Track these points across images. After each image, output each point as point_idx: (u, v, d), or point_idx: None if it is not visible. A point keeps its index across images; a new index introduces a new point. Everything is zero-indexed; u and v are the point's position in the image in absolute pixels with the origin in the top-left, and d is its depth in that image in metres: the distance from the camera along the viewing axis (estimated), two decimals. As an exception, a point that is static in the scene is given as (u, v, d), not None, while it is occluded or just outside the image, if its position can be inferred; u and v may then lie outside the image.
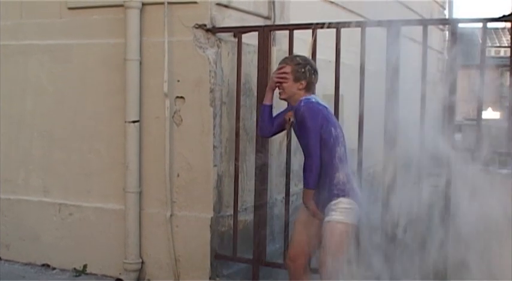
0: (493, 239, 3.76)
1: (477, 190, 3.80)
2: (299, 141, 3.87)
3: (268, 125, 4.04)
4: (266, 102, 4.02)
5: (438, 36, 11.99)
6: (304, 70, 3.82)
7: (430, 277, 4.14)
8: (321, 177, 3.70)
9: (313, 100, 3.77)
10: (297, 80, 3.82)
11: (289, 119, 3.89)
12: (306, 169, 3.71)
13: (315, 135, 3.65)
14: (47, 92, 5.29)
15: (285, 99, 3.93)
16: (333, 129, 3.71)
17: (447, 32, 11.77)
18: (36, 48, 5.29)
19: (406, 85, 5.38)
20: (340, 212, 3.68)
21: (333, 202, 3.69)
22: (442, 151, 4.19)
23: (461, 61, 4.30)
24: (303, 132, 3.72)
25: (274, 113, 4.06)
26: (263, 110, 4.04)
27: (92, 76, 5.12)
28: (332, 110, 4.09)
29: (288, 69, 3.84)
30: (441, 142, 4.17)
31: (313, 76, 3.86)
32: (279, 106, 4.19)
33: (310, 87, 3.85)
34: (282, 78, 3.84)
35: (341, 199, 3.69)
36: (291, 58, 3.94)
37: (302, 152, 3.80)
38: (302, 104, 3.72)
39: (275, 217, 5.31)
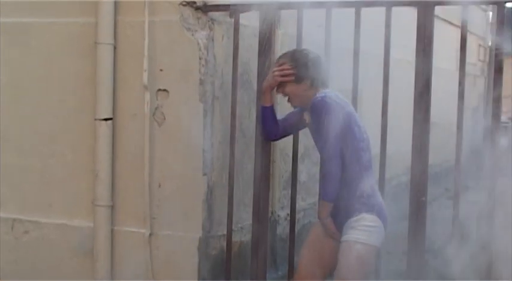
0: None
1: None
2: (316, 145, 3.93)
3: (274, 129, 4.12)
4: (266, 104, 4.09)
5: (480, 19, 12.05)
6: (305, 68, 3.88)
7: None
8: (340, 187, 3.75)
9: (332, 95, 3.81)
10: (299, 80, 3.89)
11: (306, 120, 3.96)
12: (323, 176, 3.77)
13: (334, 137, 3.69)
14: (0, 83, 5.31)
15: (299, 106, 3.99)
16: (356, 129, 3.78)
17: (491, 13, 11.83)
18: (-13, 28, 5.33)
19: (439, 78, 5.44)
20: (362, 230, 3.74)
21: (354, 218, 3.76)
22: (484, 158, 4.24)
23: (508, 49, 4.33)
24: (321, 133, 3.77)
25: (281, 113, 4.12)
26: (264, 113, 4.10)
27: (55, 63, 5.15)
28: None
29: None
30: (482, 147, 4.22)
31: (317, 69, 3.92)
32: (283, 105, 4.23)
33: (318, 83, 3.91)
34: (284, 75, 3.90)
35: (364, 215, 3.75)
36: (287, 56, 4.01)
37: (313, 158, 3.85)
38: (319, 99, 3.76)
39: (277, 237, 5.36)
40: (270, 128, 4.15)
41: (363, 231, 3.74)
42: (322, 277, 4.04)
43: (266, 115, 4.12)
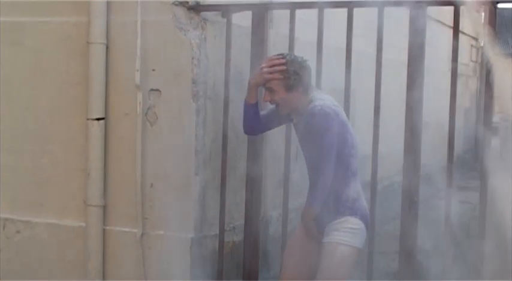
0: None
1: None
2: (303, 148, 3.94)
3: (257, 125, 4.12)
4: (251, 101, 4.05)
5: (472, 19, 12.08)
6: (296, 74, 3.83)
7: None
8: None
9: (329, 103, 3.80)
10: (290, 88, 3.84)
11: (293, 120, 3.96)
12: (315, 183, 3.78)
13: (331, 148, 3.71)
14: (-9, 82, 5.33)
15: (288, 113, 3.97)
16: (349, 136, 3.81)
17: (483, 14, 11.87)
18: (-21, 27, 5.32)
19: (432, 77, 5.46)
20: (345, 232, 3.78)
21: (337, 221, 3.80)
22: (476, 158, 4.27)
23: (499, 49, 4.36)
24: (315, 143, 3.77)
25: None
26: (248, 110, 4.07)
27: (47, 62, 5.17)
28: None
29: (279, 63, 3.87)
30: (474, 148, 4.25)
31: (308, 75, 3.89)
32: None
33: (310, 89, 3.90)
34: (273, 73, 3.86)
35: (347, 218, 3.80)
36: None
37: (306, 163, 3.87)
38: (319, 108, 3.73)
39: (270, 237, 5.37)
40: (253, 124, 4.11)
41: (347, 233, 3.78)
42: (306, 278, 4.05)
43: (250, 112, 4.07)
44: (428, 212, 7.78)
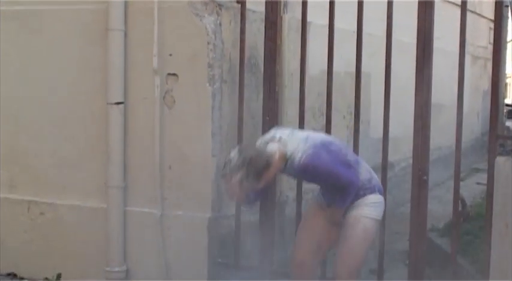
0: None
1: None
2: (306, 181, 4.33)
3: (257, 200, 4.27)
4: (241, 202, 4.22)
5: (491, 1, 12.02)
6: (255, 170, 3.80)
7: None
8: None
9: (298, 151, 3.86)
10: (258, 177, 3.84)
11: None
12: (346, 193, 3.95)
13: (337, 166, 3.90)
14: (12, 68, 5.45)
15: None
16: (332, 147, 3.96)
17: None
18: (1, 15, 5.42)
19: (450, 60, 5.51)
20: (367, 206, 4.02)
21: (360, 200, 4.02)
22: (486, 140, 4.32)
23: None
24: (319, 179, 4.03)
25: None
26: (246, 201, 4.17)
27: (67, 49, 5.27)
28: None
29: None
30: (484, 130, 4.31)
31: (259, 159, 3.82)
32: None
33: (274, 153, 3.87)
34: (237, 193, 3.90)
35: (367, 196, 4.03)
36: (231, 168, 3.84)
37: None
38: (304, 161, 3.84)
39: (286, 217, 5.45)
40: (253, 200, 4.23)
41: (369, 207, 4.02)
42: (321, 257, 4.30)
43: (249, 200, 4.18)
44: (446, 194, 7.89)
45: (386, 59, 4.50)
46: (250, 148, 3.96)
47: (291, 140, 3.92)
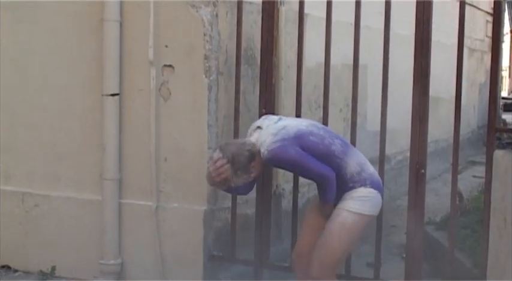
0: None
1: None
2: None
3: (247, 190, 4.24)
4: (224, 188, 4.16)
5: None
6: (243, 162, 3.87)
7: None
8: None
9: (269, 140, 3.88)
10: (247, 170, 3.90)
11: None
12: (324, 189, 3.90)
13: (308, 160, 3.83)
14: (8, 59, 5.42)
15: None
16: (312, 138, 3.91)
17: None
18: (-4, 6, 5.39)
19: (449, 53, 5.49)
20: (353, 200, 3.90)
21: (348, 192, 3.92)
22: (482, 133, 4.31)
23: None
24: (296, 170, 4.06)
25: None
26: (229, 191, 4.19)
27: (62, 40, 5.25)
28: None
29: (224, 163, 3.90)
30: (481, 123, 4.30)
31: (244, 155, 3.88)
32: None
33: (259, 146, 3.92)
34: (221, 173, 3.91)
35: (357, 189, 3.92)
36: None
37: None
38: (266, 154, 3.85)
39: (282, 211, 5.45)
40: (241, 192, 4.26)
41: (355, 200, 3.90)
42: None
43: (230, 192, 4.25)
44: (442, 187, 7.90)
45: (384, 52, 4.46)
46: (230, 145, 3.98)
47: (264, 132, 3.94)
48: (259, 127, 4.03)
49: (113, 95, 4.98)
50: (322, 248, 3.91)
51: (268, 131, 3.93)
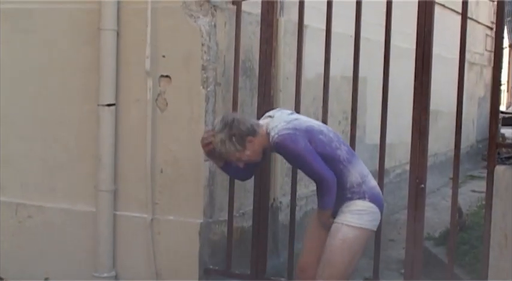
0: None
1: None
2: (292, 166, 4.20)
3: (242, 175, 4.28)
4: (218, 165, 4.22)
5: (487, 8, 12.05)
6: (234, 135, 3.87)
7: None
8: None
9: (281, 125, 3.87)
10: (242, 146, 3.89)
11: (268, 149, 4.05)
12: (322, 192, 3.85)
13: (313, 157, 3.79)
14: (2, 68, 5.37)
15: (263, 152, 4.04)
16: (321, 137, 3.88)
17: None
18: (-8, 14, 5.35)
19: (449, 67, 5.46)
20: (352, 214, 3.85)
21: (346, 204, 3.88)
22: (481, 147, 4.27)
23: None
24: (296, 164, 3.97)
25: None
26: (224, 171, 4.26)
27: (58, 49, 5.20)
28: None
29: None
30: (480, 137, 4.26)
31: (242, 123, 3.89)
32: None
33: (257, 126, 3.94)
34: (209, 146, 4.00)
35: (355, 201, 3.87)
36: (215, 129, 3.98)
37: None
38: (276, 137, 3.83)
39: (279, 224, 5.42)
40: (239, 175, 4.31)
41: (353, 214, 3.85)
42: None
43: (228, 171, 4.28)
44: (441, 201, 7.85)
45: (384, 65, 4.40)
46: (234, 114, 4.05)
47: (277, 119, 3.94)
48: (270, 116, 4.04)
49: (109, 105, 4.94)
50: (326, 267, 3.86)
51: (282, 118, 3.93)
